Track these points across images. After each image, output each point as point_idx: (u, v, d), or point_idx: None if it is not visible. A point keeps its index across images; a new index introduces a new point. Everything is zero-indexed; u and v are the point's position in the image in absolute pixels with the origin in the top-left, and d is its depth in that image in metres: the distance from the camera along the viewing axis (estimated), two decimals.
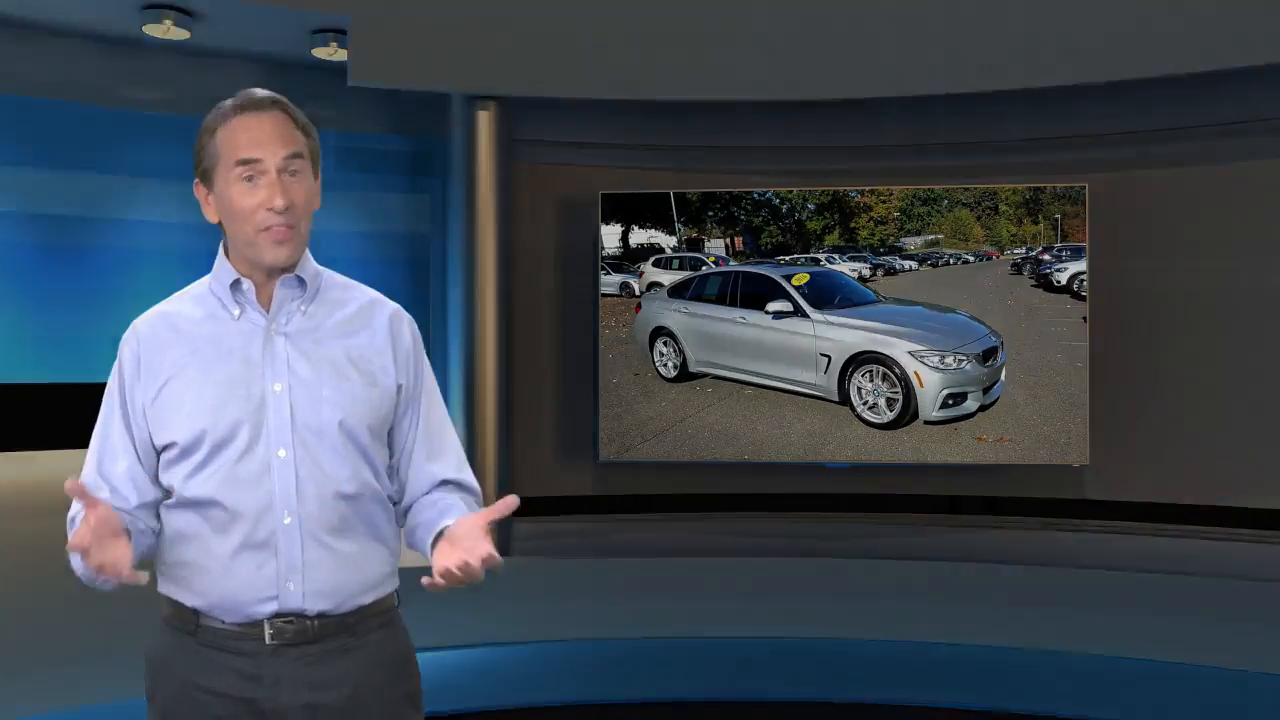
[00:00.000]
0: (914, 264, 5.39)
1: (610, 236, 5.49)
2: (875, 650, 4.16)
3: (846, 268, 5.41)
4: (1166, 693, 3.89)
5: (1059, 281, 5.22)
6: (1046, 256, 5.24)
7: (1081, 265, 5.18)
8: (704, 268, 5.47)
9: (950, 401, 5.20)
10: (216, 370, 1.73)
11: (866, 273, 5.40)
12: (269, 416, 1.71)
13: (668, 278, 5.49)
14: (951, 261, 5.36)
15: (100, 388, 1.80)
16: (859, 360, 5.25)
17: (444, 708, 3.77)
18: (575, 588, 4.86)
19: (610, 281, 5.49)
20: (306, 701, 1.71)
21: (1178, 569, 4.93)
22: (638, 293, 5.51)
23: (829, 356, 5.29)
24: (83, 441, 1.81)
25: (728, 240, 5.46)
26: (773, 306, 5.37)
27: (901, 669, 4.13)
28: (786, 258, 5.43)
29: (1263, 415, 5.10)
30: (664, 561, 5.17)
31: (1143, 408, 5.30)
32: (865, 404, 5.27)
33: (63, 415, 4.35)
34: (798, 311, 5.34)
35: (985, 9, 4.84)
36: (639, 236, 5.49)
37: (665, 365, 5.47)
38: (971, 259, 5.36)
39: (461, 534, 1.69)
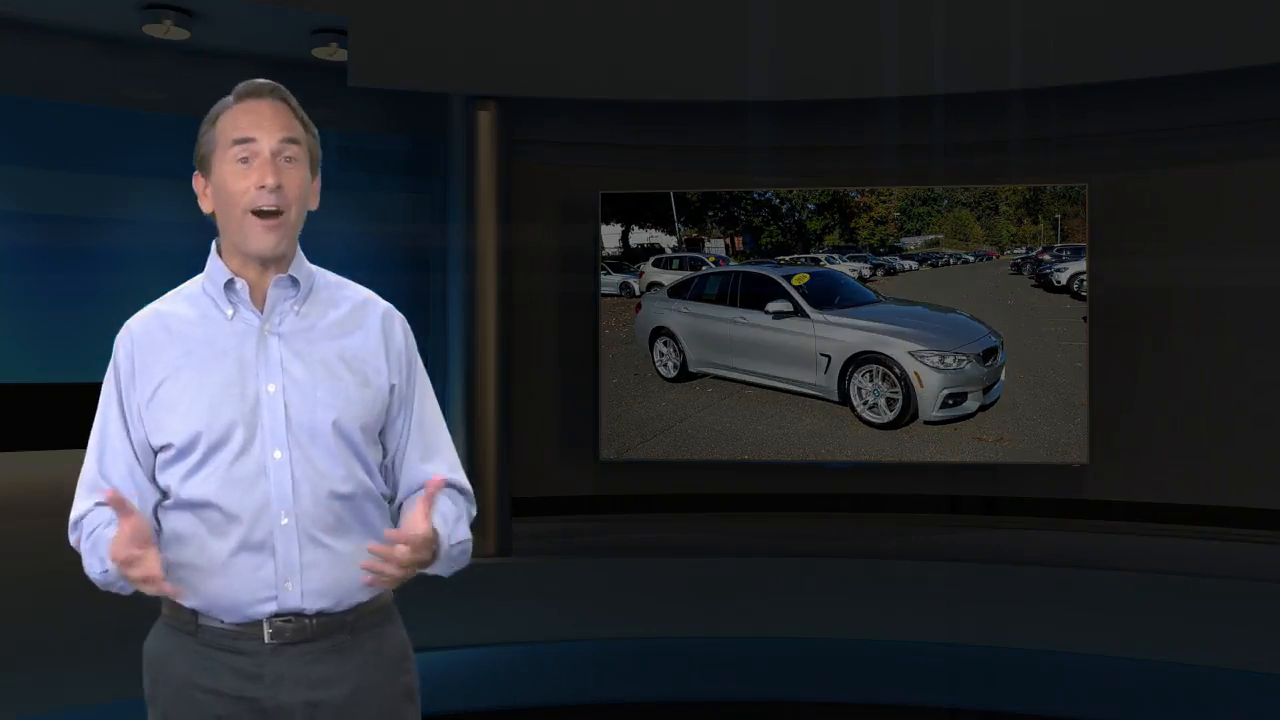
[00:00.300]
0: (914, 264, 5.39)
1: (610, 236, 5.49)
2: (875, 650, 4.16)
3: (846, 268, 5.41)
4: (1166, 693, 3.90)
5: (1059, 281, 5.21)
6: (1046, 256, 5.24)
7: (1081, 265, 5.17)
8: (704, 268, 5.47)
9: (950, 401, 5.20)
10: (211, 372, 1.72)
11: (866, 273, 5.40)
12: (264, 417, 1.71)
13: (668, 278, 5.49)
14: (951, 261, 5.36)
15: (99, 387, 1.80)
16: (859, 360, 5.25)
17: (444, 708, 3.77)
18: (575, 588, 4.86)
19: (610, 281, 5.49)
20: (307, 699, 1.72)
21: (1177, 569, 4.92)
22: (638, 293, 5.51)
23: (829, 356, 5.29)
24: (83, 442, 1.81)
25: (728, 240, 5.46)
26: (773, 306, 5.37)
27: (901, 669, 4.13)
28: (786, 258, 5.43)
29: (1262, 415, 5.10)
30: (664, 561, 5.16)
31: (1143, 408, 5.30)
32: (865, 404, 5.27)
33: (63, 415, 4.34)
34: (798, 311, 5.34)
35: (986, 9, 4.83)
36: (639, 236, 5.49)
37: (665, 365, 5.47)
38: (971, 259, 5.35)
39: (405, 523, 1.70)
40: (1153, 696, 3.90)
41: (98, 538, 1.69)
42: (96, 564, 1.69)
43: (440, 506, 1.78)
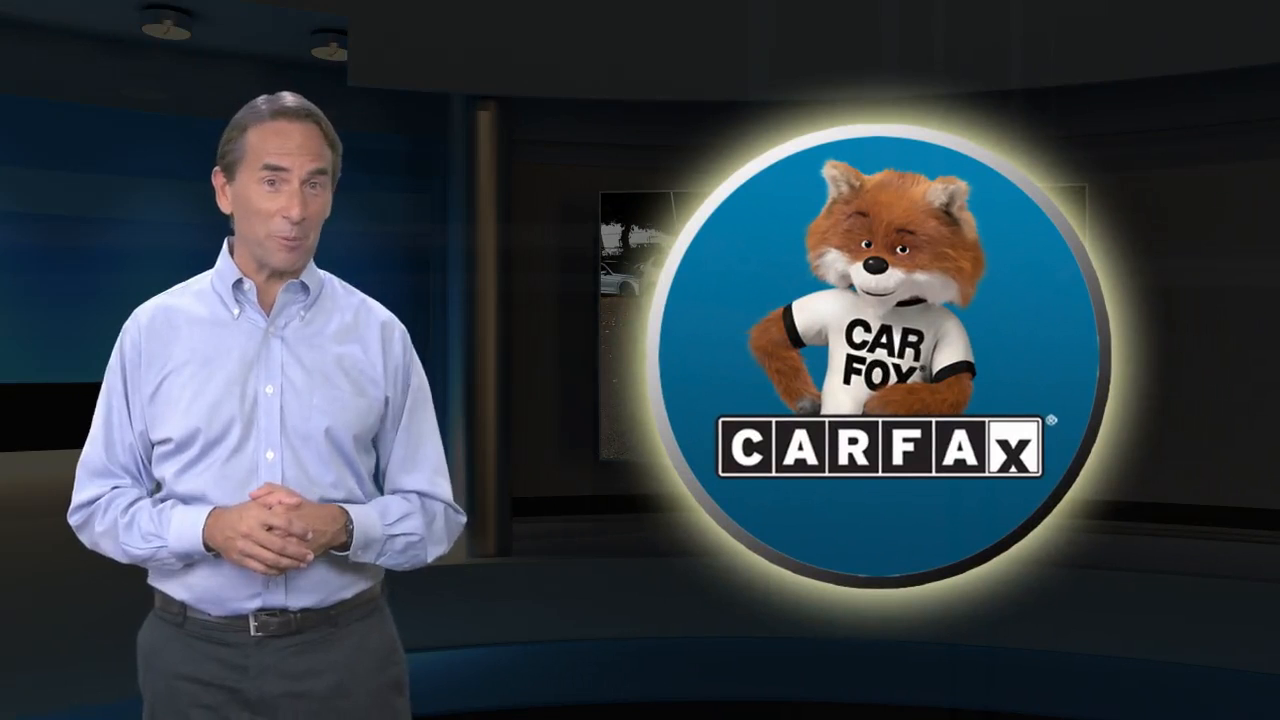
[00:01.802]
0: None
1: (610, 236, 5.49)
2: (875, 650, 4.16)
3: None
4: (1166, 693, 3.89)
5: None
6: None
7: None
8: None
9: None
10: (214, 369, 1.74)
11: None
12: (260, 417, 1.73)
13: None
14: None
15: (100, 387, 1.81)
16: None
17: (444, 707, 3.77)
18: (575, 588, 4.86)
19: (610, 281, 5.49)
20: (289, 690, 1.74)
21: (1177, 569, 4.93)
22: (637, 293, 5.50)
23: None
24: (82, 441, 1.82)
25: None
26: None
27: (902, 670, 4.13)
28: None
29: (1262, 415, 5.10)
30: (664, 561, 5.17)
31: (1143, 408, 5.29)
32: None
33: (63, 415, 4.35)
34: None
35: (986, 9, 4.84)
36: (639, 236, 5.49)
37: None
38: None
39: None
40: (1153, 696, 3.90)
41: (141, 515, 1.72)
42: (139, 540, 1.71)
43: (383, 501, 1.81)
